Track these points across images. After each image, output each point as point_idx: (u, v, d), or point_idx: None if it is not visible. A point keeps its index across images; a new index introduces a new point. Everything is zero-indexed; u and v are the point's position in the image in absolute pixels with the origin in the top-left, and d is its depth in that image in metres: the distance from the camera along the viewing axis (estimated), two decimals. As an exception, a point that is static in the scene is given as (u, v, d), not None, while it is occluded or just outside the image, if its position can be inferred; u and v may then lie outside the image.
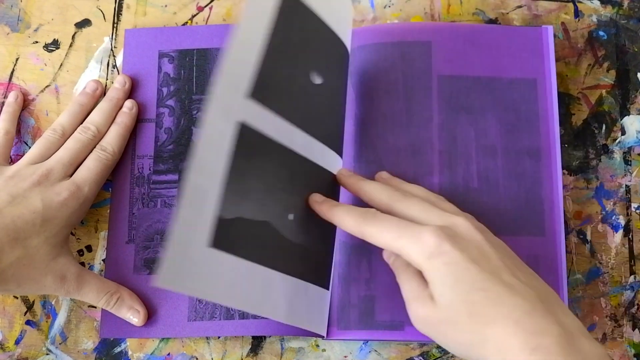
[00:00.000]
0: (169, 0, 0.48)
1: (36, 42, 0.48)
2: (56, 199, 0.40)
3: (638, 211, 0.45)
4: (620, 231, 0.45)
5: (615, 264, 0.44)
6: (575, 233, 0.45)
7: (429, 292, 0.34)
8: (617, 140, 0.46)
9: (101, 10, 0.48)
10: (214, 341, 0.43)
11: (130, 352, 0.43)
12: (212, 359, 0.43)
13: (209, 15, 0.48)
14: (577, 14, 0.48)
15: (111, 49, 0.48)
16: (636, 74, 0.47)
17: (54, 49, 0.48)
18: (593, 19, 0.48)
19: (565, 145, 0.46)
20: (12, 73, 0.47)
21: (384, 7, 0.48)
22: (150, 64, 0.46)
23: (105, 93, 0.46)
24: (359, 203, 0.39)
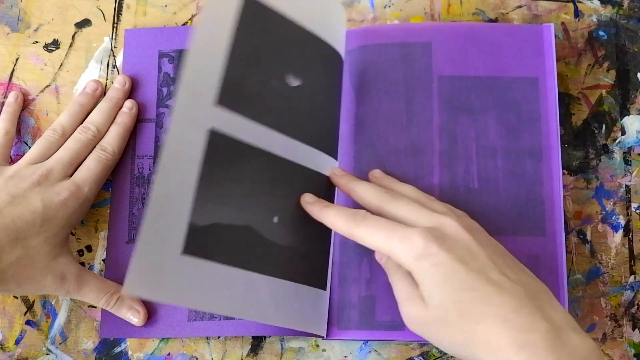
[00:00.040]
0: (169, 0, 0.48)
1: (36, 42, 0.48)
2: (56, 199, 0.40)
3: (638, 211, 0.45)
4: (620, 231, 0.45)
5: (615, 264, 0.44)
6: (575, 233, 0.45)
7: (419, 293, 0.34)
8: (617, 140, 0.46)
9: (101, 10, 0.48)
10: (214, 341, 0.43)
11: (130, 352, 0.43)
12: (212, 359, 0.43)
13: (209, 15, 0.48)
14: (577, 14, 0.48)
15: (111, 49, 0.48)
16: (636, 74, 0.47)
17: (54, 49, 0.48)
18: (593, 19, 0.48)
19: (565, 145, 0.46)
20: (12, 73, 0.47)
21: (384, 7, 0.48)
22: (150, 64, 0.46)
23: (105, 93, 0.46)
24: (355, 203, 0.39)
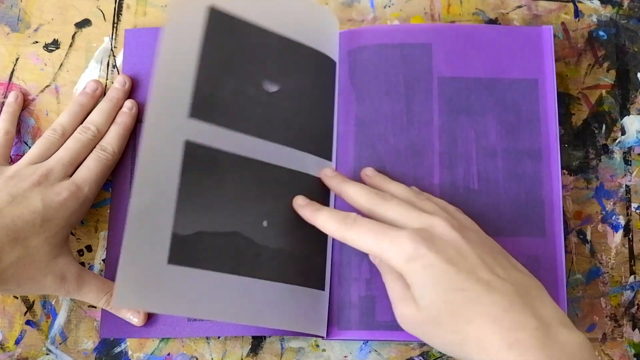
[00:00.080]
0: (169, 0, 0.48)
1: (36, 42, 0.48)
2: (56, 199, 0.40)
3: (638, 211, 0.45)
4: (620, 231, 0.45)
5: (615, 264, 0.44)
6: (575, 233, 0.45)
7: (412, 294, 0.34)
8: (617, 140, 0.46)
9: (101, 10, 0.48)
10: (214, 341, 0.43)
11: (130, 352, 0.43)
12: (212, 359, 0.43)
13: (209, 15, 0.48)
14: (577, 14, 0.48)
15: (111, 49, 0.48)
16: (636, 74, 0.47)
17: (54, 49, 0.48)
18: (593, 19, 0.48)
19: (565, 145, 0.46)
20: (12, 73, 0.47)
21: (384, 7, 0.48)
22: (150, 64, 0.46)
23: (105, 93, 0.46)
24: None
